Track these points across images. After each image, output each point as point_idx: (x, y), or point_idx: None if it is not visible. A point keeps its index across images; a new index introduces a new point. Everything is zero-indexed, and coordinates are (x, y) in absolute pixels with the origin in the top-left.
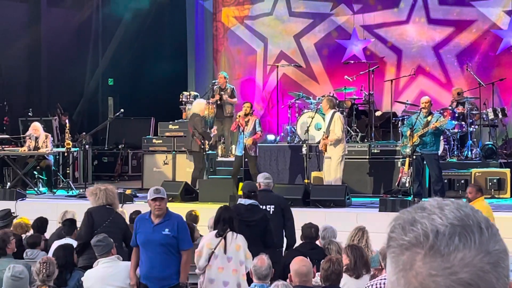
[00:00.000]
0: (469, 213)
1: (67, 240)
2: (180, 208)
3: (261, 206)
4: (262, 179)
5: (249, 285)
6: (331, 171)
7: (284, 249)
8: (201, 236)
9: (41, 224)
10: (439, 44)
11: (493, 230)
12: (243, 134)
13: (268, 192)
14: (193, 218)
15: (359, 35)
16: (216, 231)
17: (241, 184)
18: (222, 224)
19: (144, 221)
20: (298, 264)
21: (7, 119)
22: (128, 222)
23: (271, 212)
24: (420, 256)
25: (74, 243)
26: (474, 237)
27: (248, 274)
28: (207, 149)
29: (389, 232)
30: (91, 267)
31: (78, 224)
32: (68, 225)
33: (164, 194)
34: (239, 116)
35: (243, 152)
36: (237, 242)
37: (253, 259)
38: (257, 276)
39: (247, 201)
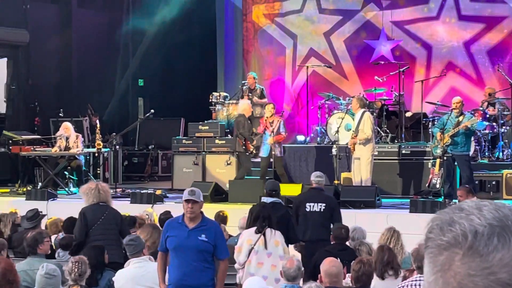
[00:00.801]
0: (507, 214)
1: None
2: (209, 209)
3: (312, 204)
4: (314, 178)
5: None
6: (361, 172)
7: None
8: (230, 236)
9: (71, 224)
10: (470, 41)
11: None
12: (268, 135)
13: (320, 191)
14: (222, 218)
15: (388, 32)
16: (255, 227)
17: None
18: (262, 221)
19: (177, 225)
20: (328, 264)
21: (38, 120)
22: (157, 224)
23: (321, 210)
24: (459, 256)
25: None
26: None
27: None
28: (250, 150)
29: (426, 232)
30: None
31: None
32: None
33: (199, 198)
34: (266, 118)
35: (269, 153)
36: (276, 238)
37: None
38: (286, 277)
39: (269, 199)
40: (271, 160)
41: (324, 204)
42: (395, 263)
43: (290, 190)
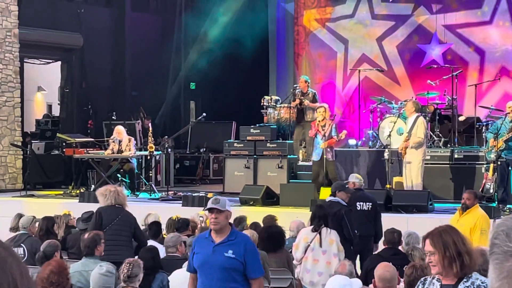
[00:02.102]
0: None
1: (151, 243)
2: (260, 213)
3: (361, 203)
4: (356, 179)
5: None
6: (412, 176)
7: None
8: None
9: None
10: None
11: None
12: (320, 139)
13: (362, 191)
14: (272, 222)
15: (440, 36)
16: (312, 226)
17: (322, 189)
18: (318, 220)
19: (202, 241)
20: (382, 269)
21: (92, 123)
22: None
23: (369, 209)
24: None
25: (159, 246)
26: None
27: None
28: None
29: (492, 238)
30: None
31: (163, 227)
32: (154, 228)
33: (225, 206)
34: (318, 121)
35: (321, 157)
36: (331, 236)
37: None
38: None
39: (329, 198)
40: (323, 164)
41: (371, 204)
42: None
43: None
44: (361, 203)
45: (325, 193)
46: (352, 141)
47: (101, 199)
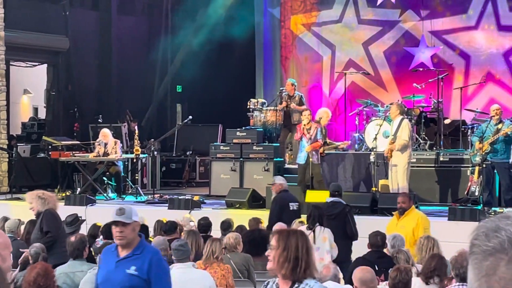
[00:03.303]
0: None
1: None
2: (246, 216)
3: (292, 203)
4: (282, 181)
5: None
6: (398, 179)
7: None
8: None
9: (109, 230)
10: (510, 49)
11: None
12: (306, 142)
13: (289, 192)
14: (258, 224)
15: (428, 41)
16: (306, 225)
17: (308, 192)
18: (312, 219)
19: (108, 254)
20: (363, 271)
21: (78, 125)
22: (197, 229)
23: (296, 208)
24: (504, 261)
25: None
26: None
27: None
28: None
29: (472, 239)
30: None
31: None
32: (142, 232)
33: (131, 217)
34: (304, 125)
35: (306, 160)
36: (324, 234)
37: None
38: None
39: (330, 199)
40: (309, 167)
41: (297, 204)
42: (443, 271)
43: (324, 196)
44: (293, 204)
45: (310, 196)
46: None
47: (39, 202)
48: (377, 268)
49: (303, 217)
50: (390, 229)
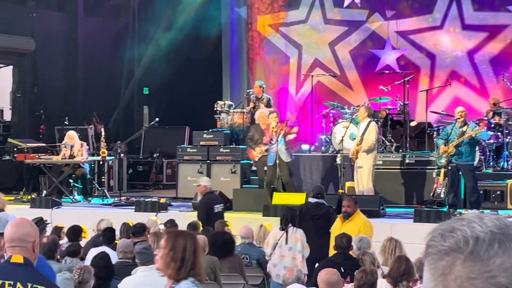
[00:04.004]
0: (508, 224)
1: (103, 249)
2: None
3: (217, 205)
4: (208, 183)
5: None
6: (363, 181)
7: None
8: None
9: (74, 232)
10: (474, 50)
11: None
12: (275, 144)
13: (214, 194)
14: (222, 226)
15: (393, 42)
16: (279, 226)
17: (275, 194)
18: (285, 220)
19: None
20: (328, 273)
21: (44, 128)
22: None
23: (220, 210)
24: (460, 260)
25: (111, 252)
26: None
27: None
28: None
29: (428, 241)
30: None
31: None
32: (108, 234)
33: None
34: (272, 128)
35: (274, 161)
36: (296, 235)
37: (310, 250)
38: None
39: (314, 200)
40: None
41: (222, 205)
42: (411, 274)
43: (295, 199)
44: (217, 206)
45: (278, 198)
46: (305, 146)
47: None
48: (343, 270)
49: (274, 219)
50: (334, 233)
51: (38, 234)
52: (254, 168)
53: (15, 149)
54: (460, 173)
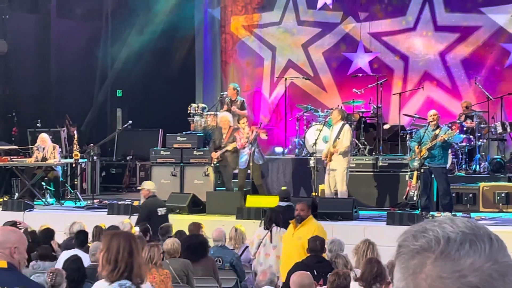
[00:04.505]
0: (479, 225)
1: (75, 252)
2: (186, 221)
3: (160, 208)
4: (151, 186)
5: None
6: (337, 184)
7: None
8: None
9: (47, 235)
10: (445, 51)
11: (502, 244)
12: (249, 147)
13: (157, 197)
14: (198, 229)
15: (366, 44)
16: (264, 226)
17: (248, 196)
18: (269, 220)
19: None
20: (300, 276)
21: (16, 130)
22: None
23: (164, 213)
24: (431, 260)
25: (83, 255)
26: (484, 246)
27: None
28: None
29: (400, 241)
30: None
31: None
32: (81, 237)
33: None
34: (247, 133)
35: (246, 164)
36: (280, 234)
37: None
38: None
39: (284, 203)
40: (249, 171)
41: (165, 208)
42: (384, 276)
43: (268, 201)
44: (161, 209)
45: (251, 201)
46: (278, 149)
47: None
48: (316, 273)
49: (247, 221)
50: (286, 239)
51: (19, 241)
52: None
53: None
54: (433, 176)
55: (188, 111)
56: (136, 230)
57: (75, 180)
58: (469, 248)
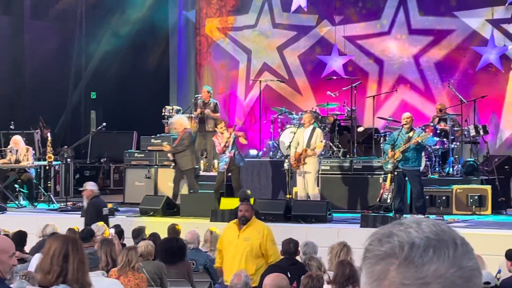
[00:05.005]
0: (445, 229)
1: None
2: (160, 223)
3: (104, 208)
4: (94, 187)
5: None
6: (309, 187)
7: None
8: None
9: (20, 237)
10: (419, 54)
11: (467, 247)
12: (228, 150)
13: (99, 198)
14: (176, 232)
15: (341, 47)
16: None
17: (222, 199)
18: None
19: None
20: (274, 279)
21: None
22: (108, 236)
23: (107, 213)
24: (395, 266)
25: None
26: (448, 252)
27: None
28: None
29: (366, 245)
30: None
31: None
32: None
33: None
34: (226, 138)
35: (226, 168)
36: None
37: None
38: None
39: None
40: (229, 174)
41: (108, 208)
42: (356, 278)
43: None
44: (105, 209)
45: (225, 203)
46: (253, 152)
47: None
48: (289, 275)
49: (221, 224)
50: (231, 241)
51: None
52: (202, 173)
53: None
54: (406, 178)
55: (163, 114)
56: (111, 232)
57: (49, 182)
58: (432, 255)
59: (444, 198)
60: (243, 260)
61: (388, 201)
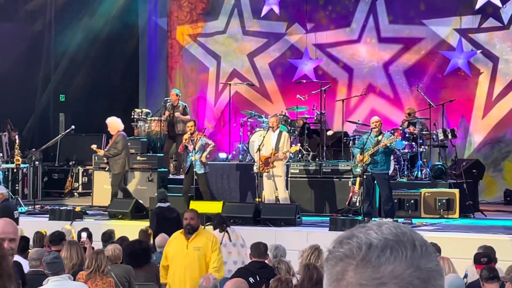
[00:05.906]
0: (405, 231)
1: (16, 258)
2: (129, 226)
3: (15, 211)
4: (4, 191)
5: None
6: (279, 190)
7: None
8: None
9: None
10: (389, 61)
11: (428, 249)
12: (192, 153)
13: (10, 201)
14: (146, 235)
15: (311, 54)
16: (218, 229)
17: (191, 202)
18: (222, 223)
19: None
20: (235, 283)
21: None
22: (76, 239)
23: (17, 216)
24: (352, 266)
25: (23, 261)
26: (406, 252)
27: None
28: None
29: (329, 248)
30: None
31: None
32: (22, 243)
33: None
34: (185, 139)
35: (187, 168)
36: (236, 232)
37: None
38: None
39: (165, 204)
40: (195, 177)
41: (18, 212)
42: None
43: (211, 207)
44: (16, 212)
45: (194, 206)
46: (222, 155)
47: None
48: (258, 278)
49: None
50: (180, 251)
51: None
52: (171, 176)
53: None
54: (375, 182)
55: (132, 116)
56: (83, 236)
57: (17, 185)
58: (389, 255)
59: (412, 201)
60: (196, 270)
61: (357, 204)
